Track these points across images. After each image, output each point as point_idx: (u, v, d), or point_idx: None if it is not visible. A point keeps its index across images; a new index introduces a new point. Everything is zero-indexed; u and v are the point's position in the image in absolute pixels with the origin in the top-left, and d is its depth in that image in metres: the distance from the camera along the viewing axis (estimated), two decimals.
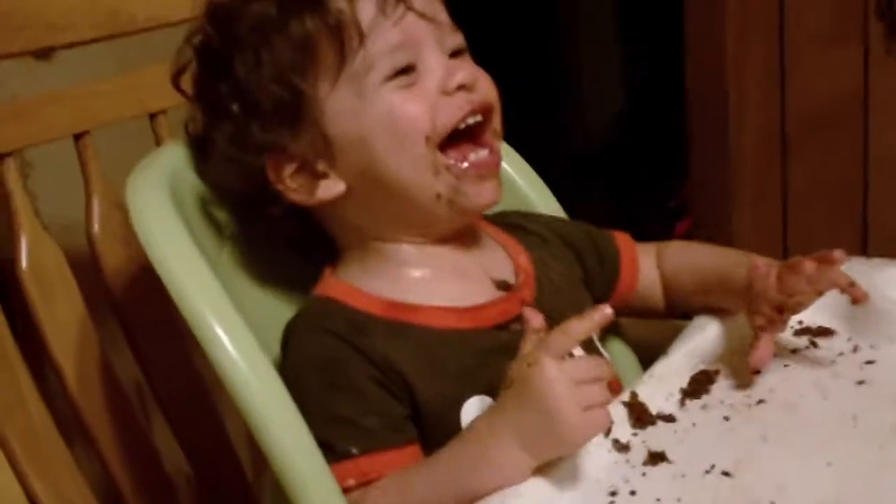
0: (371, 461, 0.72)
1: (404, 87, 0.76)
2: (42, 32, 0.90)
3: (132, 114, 0.98)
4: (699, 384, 0.79)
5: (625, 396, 0.77)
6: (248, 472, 1.04)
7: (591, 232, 0.92)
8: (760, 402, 0.76)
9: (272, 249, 0.84)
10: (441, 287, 0.79)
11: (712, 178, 1.64)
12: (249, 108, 0.76)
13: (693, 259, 0.90)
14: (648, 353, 0.85)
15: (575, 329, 0.68)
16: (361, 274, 0.80)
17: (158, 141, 0.99)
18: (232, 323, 0.72)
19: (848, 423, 0.72)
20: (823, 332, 0.84)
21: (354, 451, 0.72)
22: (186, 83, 0.83)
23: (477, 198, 0.78)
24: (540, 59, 2.27)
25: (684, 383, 0.79)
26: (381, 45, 0.75)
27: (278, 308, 0.83)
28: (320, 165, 0.77)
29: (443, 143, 0.76)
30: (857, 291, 0.75)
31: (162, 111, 0.99)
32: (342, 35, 0.75)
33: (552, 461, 0.68)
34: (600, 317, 0.68)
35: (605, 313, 0.69)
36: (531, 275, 0.83)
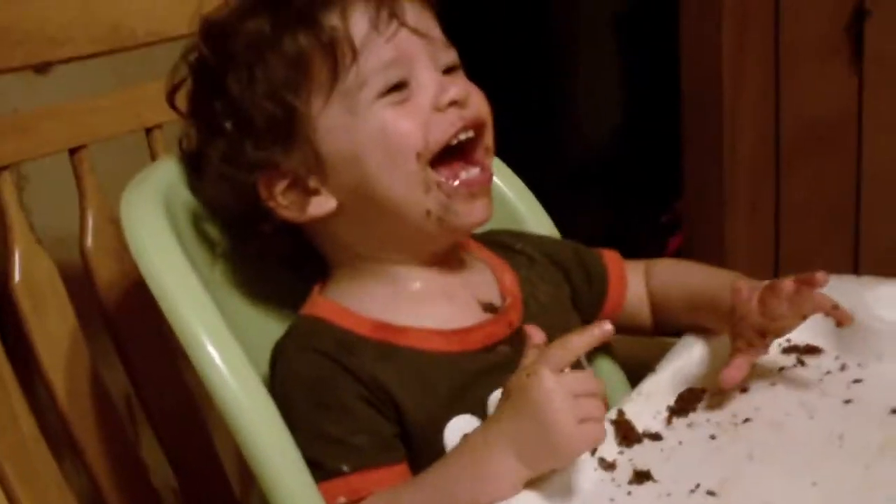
0: (362, 479, 0.73)
1: (397, 104, 0.76)
2: (41, 47, 0.91)
3: (129, 128, 0.98)
4: (686, 402, 0.79)
5: (612, 414, 0.77)
6: (235, 489, 1.04)
7: (580, 250, 0.93)
8: (747, 420, 0.76)
9: (264, 266, 0.85)
10: (429, 309, 0.80)
11: (706, 191, 1.65)
12: (243, 126, 0.77)
13: (681, 279, 0.91)
14: (636, 371, 0.86)
15: (575, 343, 0.69)
16: (350, 293, 0.80)
17: (154, 155, 0.99)
18: (223, 340, 0.73)
19: (834, 442, 0.72)
20: (811, 350, 0.84)
21: (345, 468, 0.72)
22: (182, 99, 0.83)
23: (467, 216, 0.78)
24: (535, 72, 2.27)
25: (671, 401, 0.80)
26: (373, 62, 0.76)
27: (270, 326, 0.83)
28: (312, 182, 0.78)
29: (434, 160, 0.77)
30: (842, 314, 0.75)
31: (158, 126, 0.99)
32: (335, 52, 0.75)
33: (540, 479, 0.68)
34: (600, 332, 0.70)
35: (605, 329, 0.70)
36: (518, 297, 0.83)
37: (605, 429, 0.69)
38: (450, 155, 0.78)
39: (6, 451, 0.83)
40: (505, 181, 0.99)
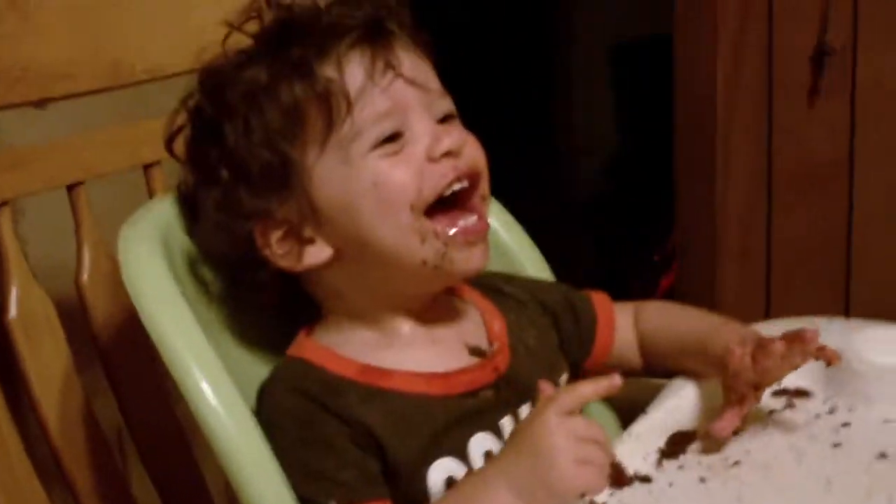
0: None
1: (391, 155, 0.76)
2: (41, 83, 0.91)
3: (127, 165, 0.99)
4: (677, 444, 0.79)
5: None
6: None
7: (569, 294, 0.93)
8: (736, 463, 0.76)
9: (260, 307, 0.85)
10: (415, 353, 0.80)
11: (698, 232, 1.66)
12: (238, 174, 0.77)
13: (670, 322, 0.91)
14: (628, 411, 0.86)
15: (584, 390, 0.71)
16: (338, 336, 0.81)
17: (152, 192, 1.00)
18: (216, 377, 0.73)
19: (822, 486, 0.73)
20: (801, 393, 0.84)
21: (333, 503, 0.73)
22: (180, 144, 0.84)
23: (465, 264, 0.79)
24: (527, 109, 2.30)
25: (662, 443, 0.80)
26: (368, 113, 0.76)
27: (263, 364, 0.83)
28: (307, 231, 0.78)
29: (430, 208, 0.77)
30: (829, 353, 0.76)
31: (156, 162, 0.99)
32: (330, 103, 0.75)
33: None
34: (609, 384, 0.72)
35: (614, 382, 0.72)
36: (505, 342, 0.84)
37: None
38: (446, 203, 0.78)
39: None
40: (498, 219, 0.99)
